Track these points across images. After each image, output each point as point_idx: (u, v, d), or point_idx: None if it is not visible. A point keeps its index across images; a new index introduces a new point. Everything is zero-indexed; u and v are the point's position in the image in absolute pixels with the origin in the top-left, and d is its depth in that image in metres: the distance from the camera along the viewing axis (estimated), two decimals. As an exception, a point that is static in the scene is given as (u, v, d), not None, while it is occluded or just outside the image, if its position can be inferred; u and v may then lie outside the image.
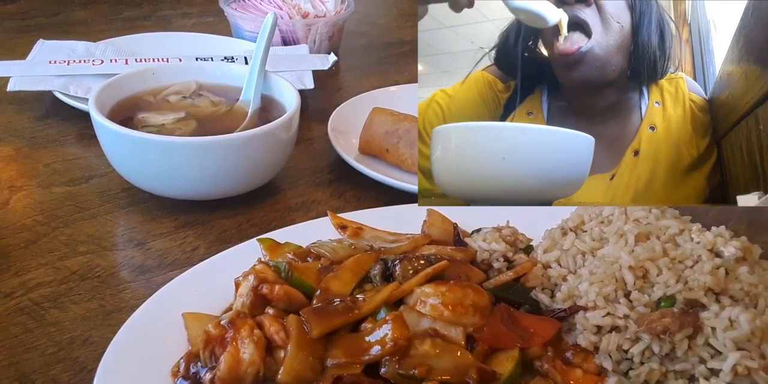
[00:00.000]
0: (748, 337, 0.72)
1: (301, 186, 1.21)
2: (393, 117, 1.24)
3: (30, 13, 1.95)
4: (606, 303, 0.78)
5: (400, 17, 2.11)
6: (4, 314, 0.89)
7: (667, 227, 0.84)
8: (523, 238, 0.94)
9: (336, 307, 0.78)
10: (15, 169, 1.22)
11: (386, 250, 0.92)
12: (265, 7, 1.67)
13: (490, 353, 0.76)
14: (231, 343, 0.74)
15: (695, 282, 0.76)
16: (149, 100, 1.19)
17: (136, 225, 1.08)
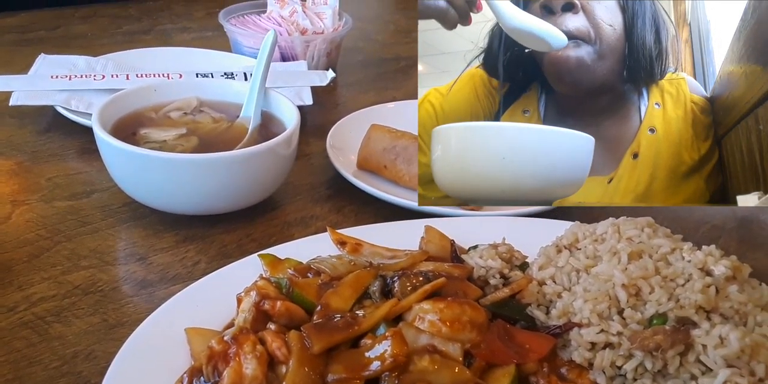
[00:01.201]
0: (738, 354, 0.74)
1: (299, 201, 1.23)
2: (391, 134, 1.26)
3: (30, 27, 1.97)
4: (600, 320, 0.80)
5: (397, 34, 2.14)
6: (8, 328, 0.90)
7: (659, 246, 0.86)
8: (518, 255, 0.95)
9: (336, 323, 0.80)
10: (17, 184, 1.23)
11: (385, 267, 0.93)
12: (264, 24, 1.69)
13: (487, 369, 0.78)
14: (234, 358, 0.75)
15: (686, 300, 0.78)
16: (151, 116, 1.21)
17: (138, 240, 1.09)
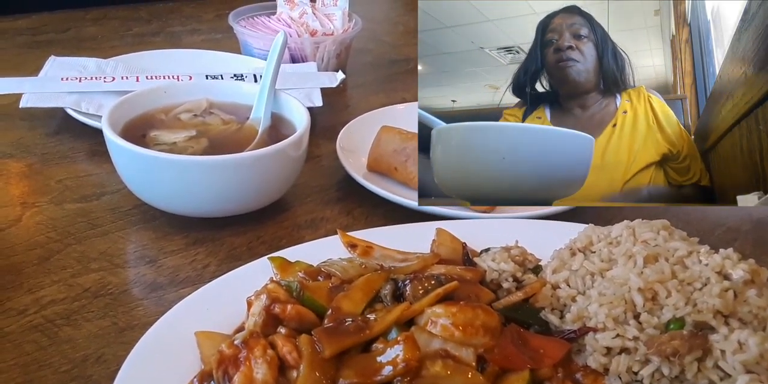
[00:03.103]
0: (757, 360, 0.72)
1: (309, 203, 1.22)
2: (401, 135, 1.25)
3: (41, 29, 1.97)
4: (615, 324, 0.79)
5: (407, 35, 2.13)
6: (18, 331, 0.90)
7: (675, 249, 0.85)
8: (531, 258, 0.94)
9: (348, 327, 0.79)
10: (27, 186, 1.23)
11: (396, 270, 0.92)
12: (274, 26, 1.68)
13: (501, 374, 0.77)
14: (244, 362, 0.74)
15: (704, 304, 0.77)
16: (161, 117, 1.21)
17: (148, 242, 1.09)
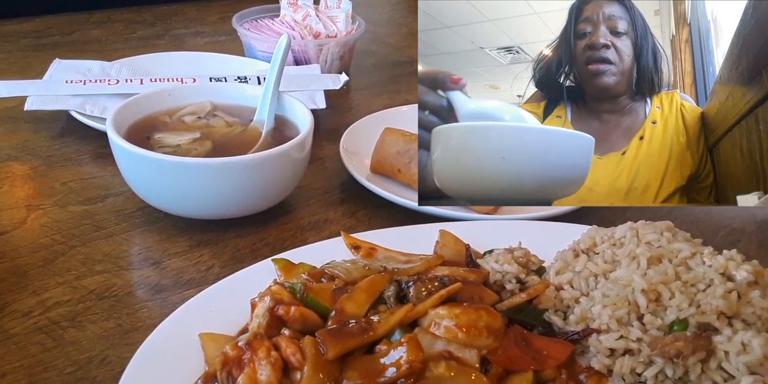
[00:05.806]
0: (761, 361, 0.72)
1: (313, 205, 1.23)
2: (404, 137, 1.25)
3: (45, 32, 1.98)
4: (619, 326, 0.79)
5: (410, 36, 2.13)
6: (23, 333, 0.90)
7: (679, 250, 0.85)
8: (535, 260, 0.94)
9: (351, 328, 0.79)
10: (32, 188, 1.24)
11: (399, 271, 0.92)
12: (277, 28, 1.69)
13: (504, 376, 0.77)
14: (248, 364, 0.75)
15: (708, 306, 0.77)
16: (165, 120, 1.21)
17: (152, 244, 1.09)
